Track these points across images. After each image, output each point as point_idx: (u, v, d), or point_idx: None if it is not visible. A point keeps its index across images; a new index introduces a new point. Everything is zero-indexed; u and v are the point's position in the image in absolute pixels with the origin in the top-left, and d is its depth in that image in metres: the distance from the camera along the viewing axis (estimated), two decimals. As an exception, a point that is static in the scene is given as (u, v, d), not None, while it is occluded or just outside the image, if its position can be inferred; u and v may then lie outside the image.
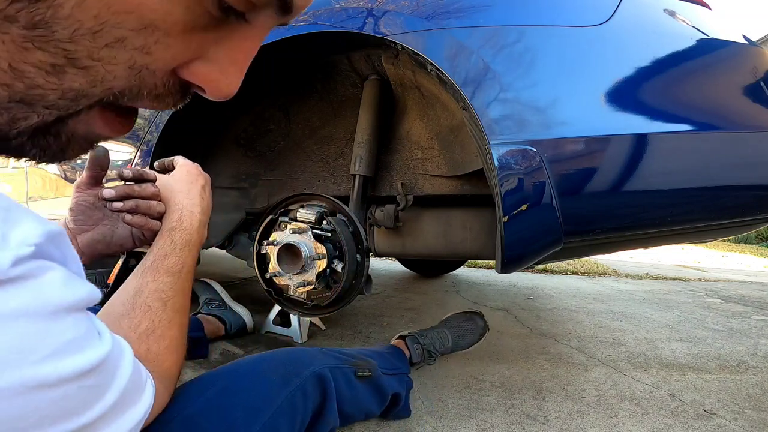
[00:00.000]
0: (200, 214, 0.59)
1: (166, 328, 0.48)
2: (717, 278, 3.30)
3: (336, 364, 0.71)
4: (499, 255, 0.80)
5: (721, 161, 0.80)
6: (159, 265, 0.51)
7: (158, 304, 0.49)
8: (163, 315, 0.48)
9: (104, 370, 0.31)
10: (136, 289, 0.49)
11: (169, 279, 0.51)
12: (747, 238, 8.90)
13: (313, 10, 0.88)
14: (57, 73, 0.20)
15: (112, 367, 0.33)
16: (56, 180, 1.47)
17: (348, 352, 0.80)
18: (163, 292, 0.50)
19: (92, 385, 0.30)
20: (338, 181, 1.27)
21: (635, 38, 0.80)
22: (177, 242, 0.54)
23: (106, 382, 0.32)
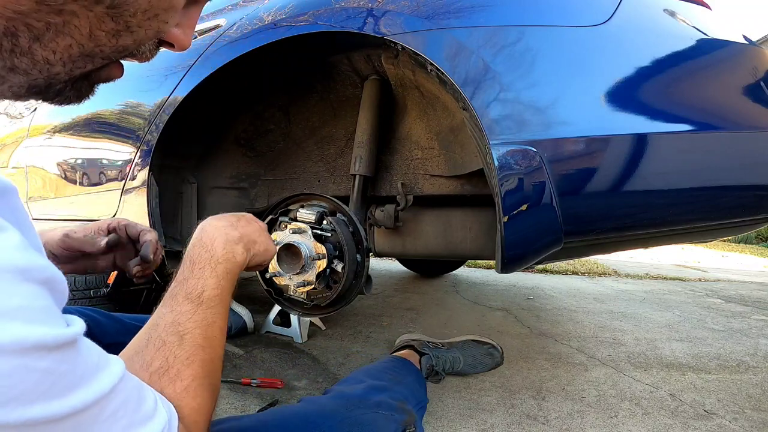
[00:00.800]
0: (226, 228, 0.51)
1: (183, 366, 0.41)
2: (717, 278, 3.30)
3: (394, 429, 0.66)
4: (499, 255, 0.80)
5: (721, 161, 0.80)
6: (177, 291, 0.46)
7: (174, 338, 0.42)
8: (179, 351, 0.42)
9: (67, 359, 0.27)
10: (153, 322, 0.44)
11: (188, 307, 0.44)
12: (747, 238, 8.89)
13: (313, 10, 0.88)
14: (117, 36, 0.31)
15: (83, 363, 0.29)
16: (56, 180, 1.47)
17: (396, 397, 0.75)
18: (180, 324, 0.43)
19: (46, 369, 0.26)
20: (338, 181, 1.27)
21: (635, 38, 0.79)
22: (195, 261, 0.47)
23: (72, 375, 0.28)
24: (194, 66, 1.01)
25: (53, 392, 0.26)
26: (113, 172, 1.22)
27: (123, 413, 0.31)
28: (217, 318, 0.46)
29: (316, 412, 0.60)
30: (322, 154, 1.27)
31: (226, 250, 0.49)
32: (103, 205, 1.25)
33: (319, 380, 1.13)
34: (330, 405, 0.64)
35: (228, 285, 0.48)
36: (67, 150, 1.42)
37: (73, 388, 0.28)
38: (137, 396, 0.34)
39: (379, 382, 0.80)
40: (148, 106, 1.11)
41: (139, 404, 0.33)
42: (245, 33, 0.95)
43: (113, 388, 0.31)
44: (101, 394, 0.30)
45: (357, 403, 0.66)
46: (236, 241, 0.51)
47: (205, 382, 0.42)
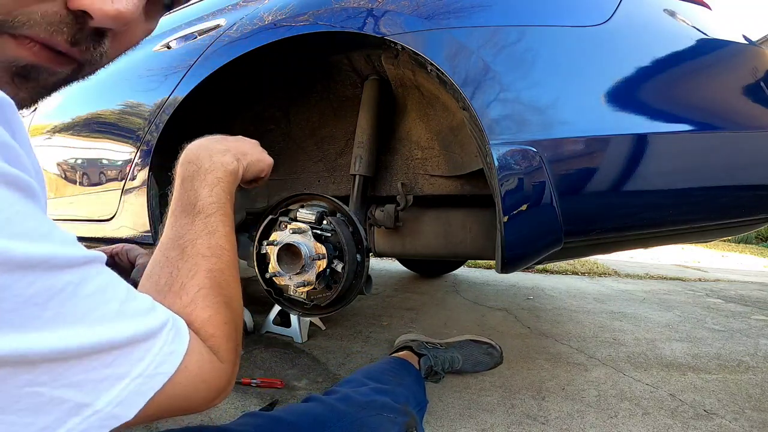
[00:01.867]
0: (210, 141, 0.50)
1: (187, 278, 0.39)
2: (717, 278, 3.30)
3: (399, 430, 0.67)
4: (499, 255, 0.80)
5: (721, 161, 0.80)
6: (173, 208, 0.44)
7: (175, 252, 0.41)
8: (181, 263, 0.40)
9: (22, 202, 0.24)
10: (159, 245, 0.42)
11: (185, 220, 0.43)
12: (747, 238, 8.89)
13: (313, 10, 0.88)
14: None
15: (48, 222, 0.26)
16: (56, 180, 1.47)
17: (399, 400, 0.76)
18: (180, 237, 0.42)
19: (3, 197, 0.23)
20: (338, 181, 1.27)
21: (635, 38, 0.79)
22: (184, 177, 0.46)
23: (30, 218, 0.25)
24: (194, 66, 1.01)
25: (12, 230, 0.23)
26: (113, 172, 1.22)
27: (111, 296, 0.29)
28: (219, 226, 0.44)
29: (326, 412, 0.61)
30: (322, 154, 1.27)
31: (213, 161, 0.48)
32: (103, 205, 1.25)
33: (319, 380, 1.13)
34: (339, 406, 0.65)
35: (223, 193, 0.47)
36: (66, 150, 1.42)
37: (40, 237, 0.25)
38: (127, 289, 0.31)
39: (382, 385, 0.80)
40: (148, 106, 1.11)
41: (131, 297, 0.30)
42: (245, 33, 0.95)
43: (90, 261, 0.28)
44: (75, 259, 0.27)
45: (364, 406, 0.67)
46: (222, 152, 0.50)
47: (214, 292, 0.40)
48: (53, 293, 0.25)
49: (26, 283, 0.23)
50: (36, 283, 0.24)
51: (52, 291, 0.25)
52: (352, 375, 0.89)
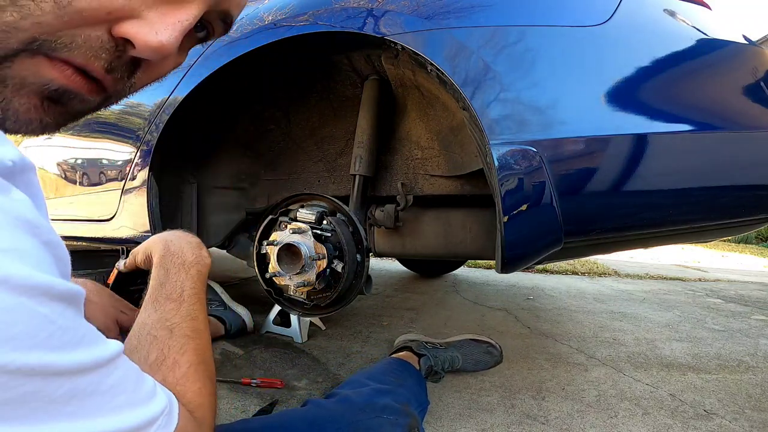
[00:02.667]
0: (187, 237, 0.56)
1: (179, 355, 0.44)
2: (717, 278, 3.30)
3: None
4: (499, 255, 0.80)
5: (721, 161, 0.80)
6: (156, 295, 0.49)
7: (164, 333, 0.45)
8: (171, 342, 0.45)
9: (67, 315, 0.27)
10: (141, 323, 0.47)
11: (172, 305, 0.48)
12: (747, 238, 8.89)
13: (313, 10, 0.88)
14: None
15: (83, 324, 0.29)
16: (56, 180, 1.47)
17: (400, 400, 0.76)
18: (167, 320, 0.46)
19: (46, 316, 0.26)
20: (338, 181, 1.27)
21: (635, 38, 0.79)
22: (169, 267, 0.51)
23: (72, 332, 0.28)
24: (194, 66, 1.01)
25: (52, 343, 0.26)
26: (113, 172, 1.22)
27: (123, 389, 0.32)
28: (199, 313, 0.49)
29: (323, 416, 0.61)
30: (322, 154, 1.27)
31: (194, 255, 0.54)
32: (103, 205, 1.25)
33: (319, 380, 1.13)
34: (337, 409, 0.64)
35: (201, 285, 0.52)
36: (66, 150, 1.42)
37: (73, 345, 0.28)
38: (136, 377, 0.34)
39: (383, 386, 0.80)
40: (148, 106, 1.11)
41: (138, 384, 0.34)
42: (245, 33, 0.95)
43: (113, 358, 0.31)
44: (101, 360, 0.30)
45: (363, 408, 0.67)
46: (199, 246, 0.56)
47: (201, 368, 0.45)
48: (75, 393, 0.28)
49: (56, 386, 0.26)
50: (64, 386, 0.27)
51: (75, 391, 0.28)
52: (353, 376, 0.89)
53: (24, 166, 0.30)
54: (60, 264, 0.29)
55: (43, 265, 0.27)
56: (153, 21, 0.29)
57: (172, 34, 0.30)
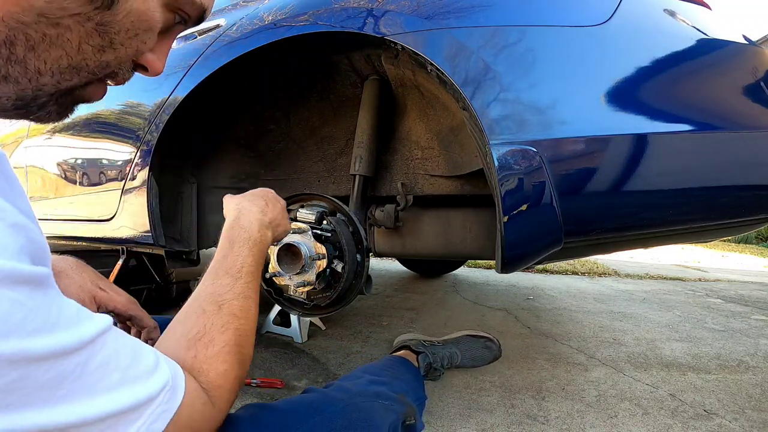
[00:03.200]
0: (260, 213, 0.58)
1: (218, 333, 0.45)
2: (717, 278, 3.30)
3: (394, 419, 0.66)
4: (499, 255, 0.80)
5: (721, 161, 0.80)
6: (217, 267, 0.50)
7: (213, 307, 0.46)
8: (216, 318, 0.46)
9: (37, 297, 0.28)
10: (194, 295, 0.48)
11: (228, 281, 0.49)
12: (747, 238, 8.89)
13: (313, 9, 0.88)
14: (102, 51, 0.34)
15: (58, 306, 0.30)
16: (56, 180, 1.47)
17: (395, 390, 0.76)
18: (220, 295, 0.47)
19: (15, 300, 0.26)
20: (338, 181, 1.27)
21: (635, 38, 0.79)
22: (235, 240, 0.53)
23: (46, 314, 0.28)
24: (194, 66, 1.01)
25: (27, 328, 0.26)
26: (113, 172, 1.22)
27: (115, 367, 0.32)
28: (252, 293, 0.50)
29: (319, 399, 0.61)
30: (322, 154, 1.27)
31: (261, 233, 0.56)
32: (103, 205, 1.25)
33: (319, 380, 1.13)
34: (334, 394, 0.65)
35: (261, 264, 0.54)
36: (67, 150, 1.42)
37: (50, 328, 0.28)
38: (131, 352, 0.34)
39: (379, 378, 0.81)
40: (148, 106, 1.11)
41: (135, 360, 0.34)
42: (245, 33, 0.95)
43: (97, 337, 0.32)
44: (84, 340, 0.30)
45: (359, 393, 0.67)
46: (267, 226, 0.58)
47: (235, 350, 0.45)
48: (65, 375, 0.29)
49: (42, 371, 0.27)
50: (51, 371, 0.28)
51: (64, 374, 0.29)
52: (351, 372, 0.89)
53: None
54: (32, 246, 0.30)
55: (7, 248, 0.27)
56: (158, 52, 0.39)
57: (165, 60, 0.41)
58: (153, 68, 0.39)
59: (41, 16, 0.30)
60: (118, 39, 0.34)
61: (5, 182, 0.33)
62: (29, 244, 0.30)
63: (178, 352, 0.43)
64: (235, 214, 0.56)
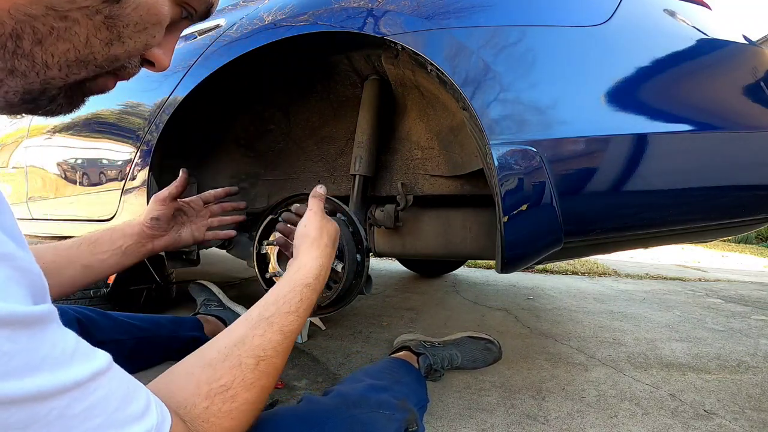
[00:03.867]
0: (326, 274, 0.57)
1: (243, 389, 0.43)
2: (717, 278, 3.30)
3: (396, 428, 0.66)
4: (499, 255, 0.80)
5: (721, 161, 0.80)
6: (276, 320, 0.48)
7: (252, 361, 0.44)
8: (248, 374, 0.44)
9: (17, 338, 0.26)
10: (240, 339, 0.45)
11: (278, 338, 0.47)
12: (747, 238, 8.89)
13: (313, 10, 0.88)
14: (110, 45, 0.34)
15: (45, 346, 0.27)
16: (56, 180, 1.47)
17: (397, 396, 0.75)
18: (264, 350, 0.46)
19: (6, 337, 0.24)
20: (338, 181, 1.27)
21: (635, 38, 0.79)
22: (305, 302, 0.52)
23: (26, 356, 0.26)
24: (194, 66, 1.01)
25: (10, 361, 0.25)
26: (113, 172, 1.22)
27: (100, 411, 0.30)
28: (289, 349, 0.49)
29: (316, 411, 0.60)
30: (322, 154, 1.27)
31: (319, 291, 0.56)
32: (103, 205, 1.25)
33: (319, 380, 1.13)
34: (331, 404, 0.63)
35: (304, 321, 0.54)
36: (67, 150, 1.42)
37: (27, 371, 0.26)
38: (124, 395, 0.32)
39: (380, 382, 0.80)
40: (148, 106, 1.11)
41: (124, 404, 0.32)
42: (245, 33, 0.95)
43: (87, 380, 0.29)
44: (68, 383, 0.28)
45: (358, 402, 0.65)
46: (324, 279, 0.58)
47: (252, 408, 0.44)
48: (36, 419, 0.26)
49: (7, 415, 0.25)
50: (16, 414, 0.25)
51: (35, 417, 0.26)
52: (351, 374, 0.89)
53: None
54: (24, 275, 0.28)
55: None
56: (165, 47, 0.39)
57: (171, 56, 0.41)
58: (160, 63, 0.39)
59: (50, 8, 0.30)
60: (126, 32, 0.34)
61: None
62: (18, 275, 0.27)
63: (194, 397, 0.41)
64: (315, 273, 0.54)
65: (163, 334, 1.10)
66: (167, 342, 1.12)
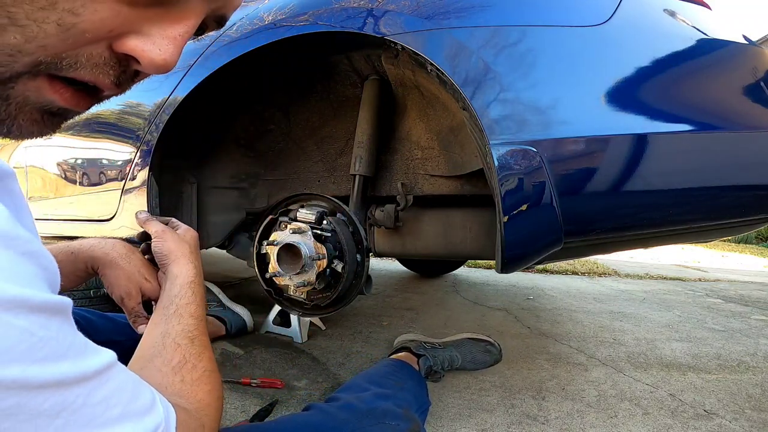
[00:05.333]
0: (195, 261, 0.62)
1: (197, 360, 0.50)
2: (717, 278, 3.30)
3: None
4: (499, 255, 0.80)
5: (721, 161, 0.80)
6: (183, 311, 0.54)
7: (186, 341, 0.51)
8: (191, 349, 0.51)
9: (49, 325, 0.27)
10: (163, 333, 0.51)
11: (193, 321, 0.54)
12: (747, 238, 8.89)
13: (313, 10, 0.88)
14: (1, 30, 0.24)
15: (70, 336, 0.29)
16: (56, 180, 1.47)
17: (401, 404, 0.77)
18: (189, 332, 0.52)
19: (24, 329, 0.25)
20: (338, 181, 1.27)
21: (635, 38, 0.79)
22: (197, 293, 0.58)
23: (55, 344, 0.27)
24: (194, 66, 1.01)
25: (33, 356, 0.26)
26: (113, 172, 1.22)
27: (117, 401, 0.31)
28: (206, 330, 0.57)
29: (327, 422, 0.62)
30: (322, 154, 1.27)
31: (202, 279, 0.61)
32: (103, 205, 1.25)
33: (319, 380, 1.13)
34: (340, 416, 0.65)
35: None
36: (67, 150, 1.42)
37: (57, 357, 0.27)
38: (132, 388, 0.34)
39: (383, 390, 0.80)
40: (148, 106, 1.11)
41: (135, 397, 0.34)
42: (245, 33, 0.95)
43: (103, 370, 0.31)
44: (89, 372, 0.29)
45: (366, 414, 0.68)
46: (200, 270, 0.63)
47: (213, 375, 0.51)
48: (65, 406, 0.28)
49: (41, 400, 0.26)
50: (49, 400, 0.27)
51: (64, 404, 0.28)
52: (353, 380, 0.89)
53: (2, 174, 0.31)
54: (46, 273, 0.29)
55: (21, 277, 0.26)
56: (155, 37, 0.29)
57: (175, 50, 0.30)
58: (147, 60, 0.29)
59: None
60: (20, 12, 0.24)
61: (11, 201, 0.31)
62: (43, 271, 0.29)
63: (164, 378, 0.46)
64: (195, 271, 0.59)
65: (162, 335, 1.10)
66: (166, 342, 1.12)
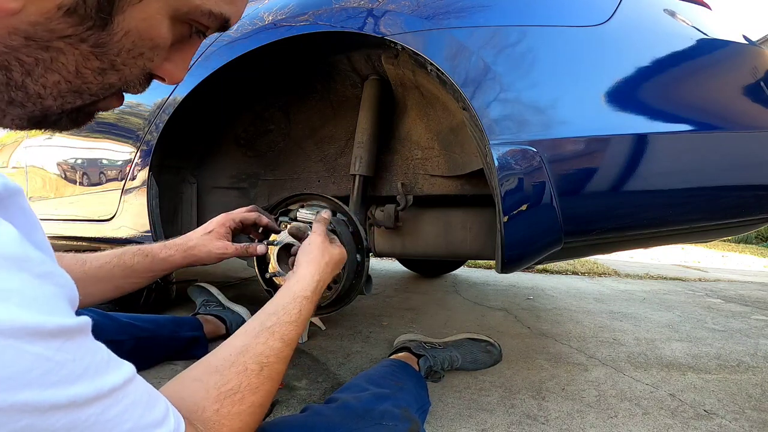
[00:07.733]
0: (322, 291, 0.61)
1: (251, 393, 0.46)
2: (717, 278, 3.30)
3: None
4: (499, 255, 0.80)
5: (721, 161, 0.80)
6: (277, 330, 0.51)
7: (256, 367, 0.48)
8: (254, 379, 0.47)
9: (65, 349, 0.28)
10: (243, 347, 0.48)
11: (279, 345, 0.50)
12: (747, 238, 8.89)
13: (313, 10, 0.88)
14: (102, 74, 0.32)
15: (87, 356, 0.29)
16: (56, 180, 1.47)
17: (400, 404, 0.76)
18: (266, 357, 0.49)
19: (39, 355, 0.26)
20: (338, 181, 1.27)
21: (635, 38, 0.79)
22: (303, 313, 0.54)
23: (71, 366, 0.28)
24: (194, 66, 1.01)
25: (48, 380, 0.26)
26: (113, 172, 1.23)
27: (129, 417, 0.32)
28: (291, 354, 0.53)
29: (321, 424, 0.61)
30: (322, 154, 1.27)
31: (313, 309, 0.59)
32: (104, 205, 1.25)
33: (319, 380, 1.13)
34: (335, 417, 0.64)
35: None
36: (67, 150, 1.42)
37: (73, 379, 0.28)
38: (147, 401, 0.34)
39: (382, 390, 0.80)
40: (148, 106, 1.11)
41: (148, 410, 0.34)
42: (245, 33, 0.95)
43: (120, 387, 0.31)
44: (104, 390, 0.30)
45: (362, 414, 0.67)
46: None
47: (259, 411, 0.47)
48: (76, 424, 0.28)
49: (53, 420, 0.27)
50: (61, 420, 0.27)
51: (76, 422, 0.28)
52: (353, 380, 0.88)
53: (10, 191, 0.32)
54: (64, 290, 0.30)
55: (39, 301, 0.27)
56: (177, 62, 0.37)
57: (186, 68, 0.39)
58: (171, 77, 0.38)
59: (29, 39, 0.28)
60: (120, 60, 0.32)
61: (24, 219, 0.32)
62: (60, 290, 0.29)
63: (204, 401, 0.43)
64: (314, 287, 0.57)
65: (163, 334, 1.10)
66: (167, 342, 1.12)
